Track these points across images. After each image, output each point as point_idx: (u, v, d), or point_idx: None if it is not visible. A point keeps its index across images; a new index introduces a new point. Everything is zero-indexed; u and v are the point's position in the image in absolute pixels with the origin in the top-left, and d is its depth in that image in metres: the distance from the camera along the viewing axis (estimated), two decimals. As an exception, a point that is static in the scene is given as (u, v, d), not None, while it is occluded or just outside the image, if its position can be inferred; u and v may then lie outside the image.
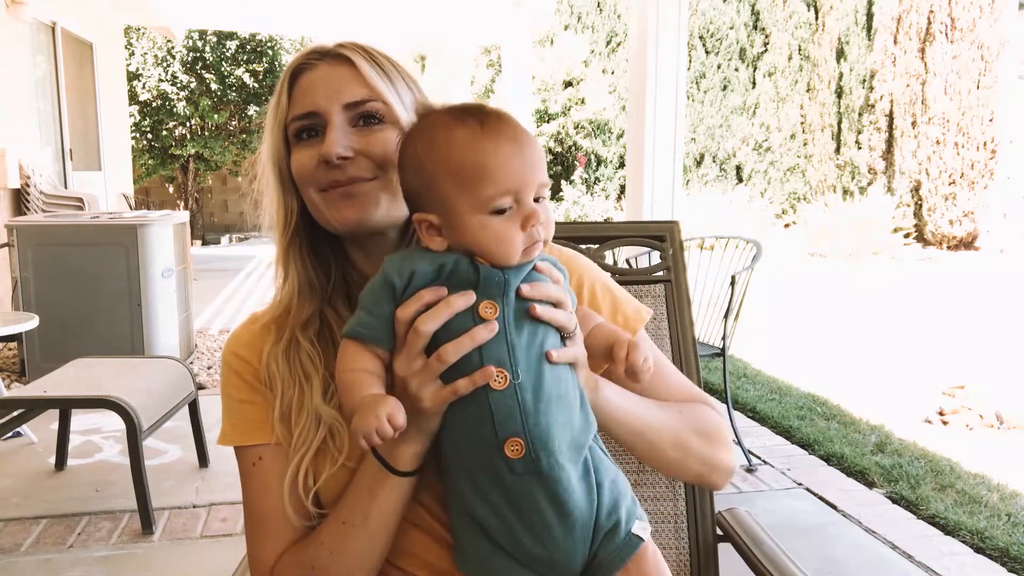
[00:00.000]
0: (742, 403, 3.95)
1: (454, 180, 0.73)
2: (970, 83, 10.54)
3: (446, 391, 0.71)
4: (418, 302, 0.72)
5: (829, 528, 2.68)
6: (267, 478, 0.85)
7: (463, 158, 0.73)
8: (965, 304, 7.22)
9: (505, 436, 0.71)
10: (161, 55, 10.99)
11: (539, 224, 0.73)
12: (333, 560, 0.80)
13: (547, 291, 0.74)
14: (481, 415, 0.71)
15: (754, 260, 3.20)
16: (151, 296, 4.10)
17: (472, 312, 0.72)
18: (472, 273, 0.73)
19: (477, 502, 0.74)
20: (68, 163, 6.67)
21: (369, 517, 0.78)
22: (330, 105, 0.82)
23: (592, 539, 0.75)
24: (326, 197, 0.83)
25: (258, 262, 9.72)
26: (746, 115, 12.36)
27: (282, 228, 0.88)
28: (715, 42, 12.25)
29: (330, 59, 0.85)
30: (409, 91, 0.87)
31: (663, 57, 3.32)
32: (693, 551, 1.24)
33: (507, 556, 0.74)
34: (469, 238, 0.73)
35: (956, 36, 10.57)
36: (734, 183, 12.36)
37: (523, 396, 0.71)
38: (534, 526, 0.72)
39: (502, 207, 0.72)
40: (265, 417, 0.86)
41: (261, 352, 0.88)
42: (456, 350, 0.71)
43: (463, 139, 0.73)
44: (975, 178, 10.70)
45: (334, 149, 0.80)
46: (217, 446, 3.15)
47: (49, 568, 2.31)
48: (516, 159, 0.73)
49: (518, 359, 0.71)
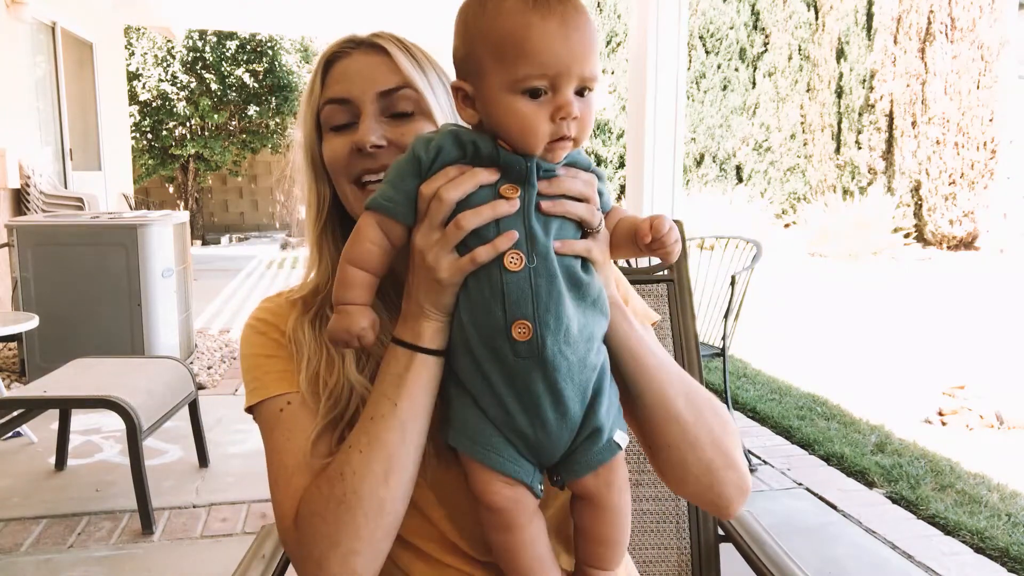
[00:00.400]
0: (742, 403, 3.95)
1: (491, 51, 0.69)
2: (970, 83, 10.54)
3: (464, 260, 0.71)
4: (444, 178, 0.71)
5: (829, 528, 2.68)
6: (295, 420, 0.83)
7: (504, 28, 0.68)
8: (965, 304, 7.22)
9: (514, 318, 0.70)
10: (161, 55, 10.99)
11: (570, 118, 0.69)
12: (365, 460, 0.76)
13: (568, 185, 0.73)
14: (493, 294, 0.71)
15: (754, 260, 3.20)
16: (151, 296, 4.10)
17: (494, 191, 0.71)
18: (495, 156, 0.72)
19: (477, 379, 0.74)
20: (68, 163, 6.67)
21: (398, 405, 0.76)
22: (364, 93, 0.83)
23: (578, 433, 0.75)
24: (357, 192, 0.84)
25: (258, 262, 9.72)
26: (746, 115, 12.36)
27: (315, 214, 0.88)
28: (715, 42, 12.26)
29: (365, 48, 0.86)
30: (442, 84, 0.87)
31: (663, 57, 3.32)
32: (695, 551, 1.24)
33: (496, 430, 0.75)
34: (495, 116, 0.71)
35: (956, 36, 10.57)
36: (734, 183, 12.36)
37: (536, 280, 0.70)
38: (528, 409, 0.73)
39: (535, 88, 0.68)
40: (292, 369, 0.85)
41: (287, 320, 0.88)
42: (475, 217, 0.70)
43: (511, 8, 0.68)
44: (975, 178, 10.71)
45: (368, 137, 0.81)
46: (216, 447, 3.13)
47: (49, 568, 2.31)
48: (560, 40, 0.68)
49: (536, 243, 0.71)
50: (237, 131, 11.97)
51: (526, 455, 0.76)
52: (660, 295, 1.32)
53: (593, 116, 0.73)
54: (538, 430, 0.74)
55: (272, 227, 13.62)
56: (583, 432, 0.75)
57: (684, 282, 1.33)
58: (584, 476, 0.76)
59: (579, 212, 0.73)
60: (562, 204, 0.72)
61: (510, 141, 0.71)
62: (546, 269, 0.71)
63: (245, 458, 3.15)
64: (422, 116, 0.84)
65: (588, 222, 0.74)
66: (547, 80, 0.68)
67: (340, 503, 0.76)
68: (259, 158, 13.17)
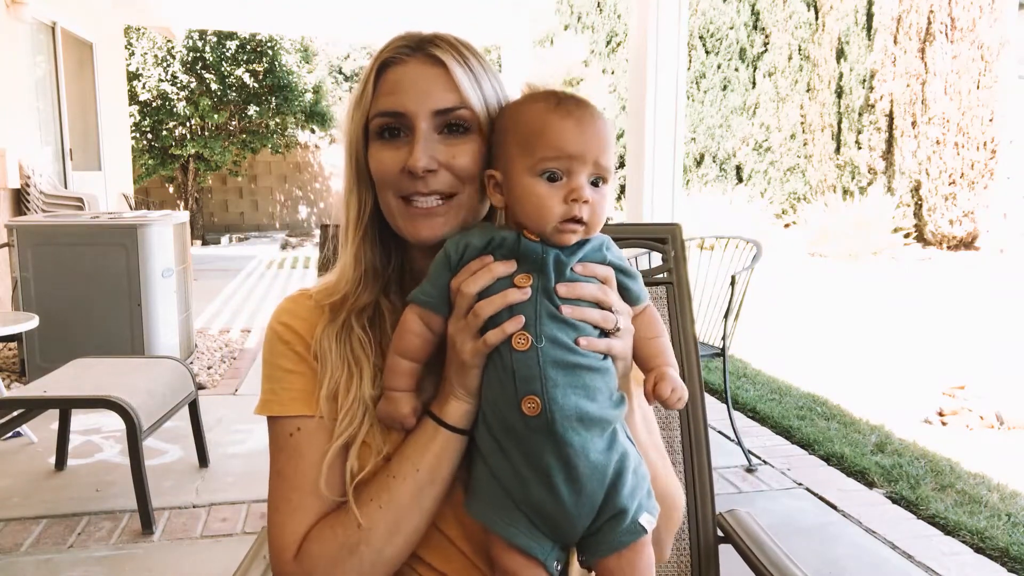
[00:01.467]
0: (742, 403, 3.95)
1: (517, 140, 0.79)
2: (970, 83, 10.54)
3: (479, 343, 0.77)
4: (466, 272, 0.79)
5: (829, 528, 2.68)
6: (303, 450, 0.85)
7: (529, 121, 0.79)
8: (965, 304, 7.22)
9: (524, 393, 0.75)
10: (161, 55, 10.98)
11: (581, 200, 0.76)
12: (381, 515, 0.81)
13: (581, 291, 0.78)
14: (505, 372, 0.77)
15: (754, 260, 3.20)
16: (151, 296, 4.10)
17: (510, 281, 0.78)
18: (515, 246, 0.78)
19: (495, 452, 0.79)
20: (68, 163, 6.67)
21: (419, 471, 0.81)
22: (419, 108, 0.81)
23: (600, 512, 0.78)
24: (403, 209, 0.84)
25: (258, 262, 9.72)
26: (746, 115, 12.36)
27: (355, 217, 0.88)
28: (715, 42, 12.26)
29: (422, 56, 0.83)
30: (494, 92, 0.86)
31: (663, 57, 3.32)
32: (694, 552, 1.24)
33: (514, 504, 0.78)
34: (515, 196, 0.79)
35: (956, 36, 10.57)
36: (734, 183, 12.37)
37: (543, 360, 0.75)
38: (542, 481, 0.76)
39: (552, 172, 0.77)
40: (310, 390, 0.86)
41: (313, 328, 0.88)
42: (488, 306, 0.76)
43: (537, 108, 0.79)
44: (975, 178, 10.71)
45: (420, 163, 0.80)
46: (216, 447, 3.13)
47: (49, 568, 2.31)
48: (574, 131, 0.77)
49: (542, 326, 0.76)
50: (237, 131, 11.96)
51: (544, 531, 0.78)
52: (659, 297, 1.32)
53: (606, 206, 0.79)
54: (554, 504, 0.77)
55: (272, 227, 13.62)
56: (606, 512, 0.78)
57: (683, 284, 1.33)
58: (607, 556, 0.79)
59: (593, 319, 0.78)
60: (580, 310, 0.77)
61: (525, 219, 0.78)
62: (554, 351, 0.76)
63: (245, 458, 3.15)
64: (476, 133, 0.83)
65: (600, 326, 0.78)
66: (562, 164, 0.77)
67: (352, 552, 0.81)
68: (259, 158, 13.17)
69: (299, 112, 12.19)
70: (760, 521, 1.20)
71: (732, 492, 2.94)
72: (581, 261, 0.80)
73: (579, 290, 0.78)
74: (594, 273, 0.80)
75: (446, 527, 0.85)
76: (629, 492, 0.78)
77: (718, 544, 1.24)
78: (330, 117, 12.76)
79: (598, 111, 0.80)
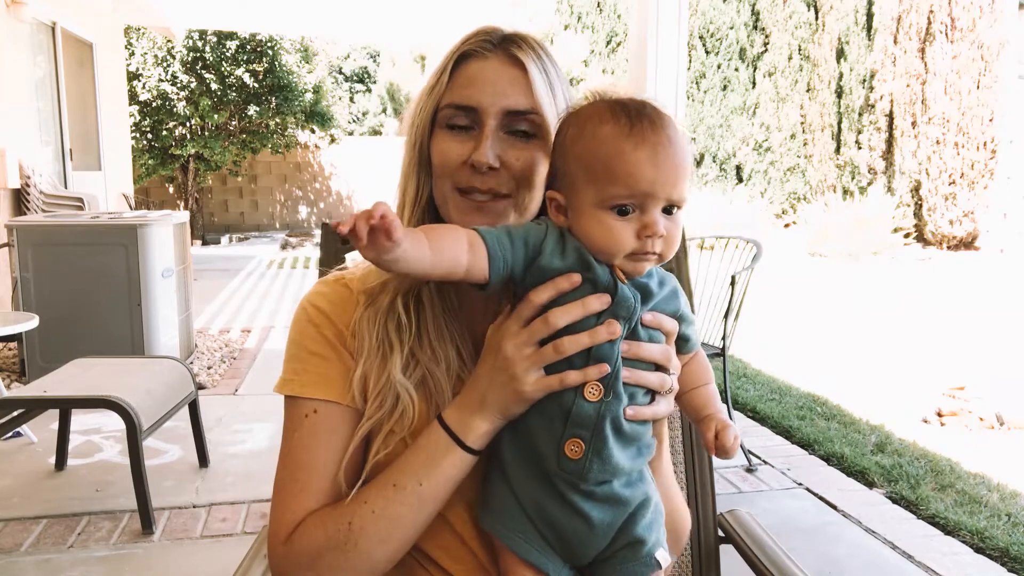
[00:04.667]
0: (742, 403, 3.95)
1: (585, 171, 0.74)
2: (970, 83, 10.54)
3: (552, 380, 0.73)
4: (553, 288, 0.74)
5: (829, 528, 2.68)
6: (317, 431, 0.84)
7: (598, 152, 0.73)
8: (965, 304, 7.22)
9: (571, 436, 0.73)
10: (161, 55, 10.98)
11: (656, 236, 0.72)
12: (374, 520, 0.78)
13: (647, 353, 0.75)
14: (561, 411, 0.74)
15: (754, 260, 3.20)
16: (151, 296, 4.10)
17: (597, 323, 0.73)
18: (611, 284, 0.74)
19: (518, 474, 0.77)
20: (68, 163, 6.67)
21: (423, 485, 0.78)
22: (492, 105, 0.81)
23: (615, 540, 0.77)
24: (459, 201, 0.83)
25: (258, 262, 9.72)
26: (746, 115, 12.36)
27: (412, 202, 0.87)
28: (715, 42, 12.26)
29: (502, 55, 0.83)
30: (564, 100, 0.85)
31: (663, 57, 3.31)
32: (695, 552, 1.24)
33: (528, 519, 0.77)
34: (583, 226, 0.74)
35: (956, 36, 10.57)
36: (734, 183, 12.37)
37: (604, 412, 0.73)
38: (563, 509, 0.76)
39: (623, 207, 0.72)
40: (333, 375, 0.85)
41: (348, 315, 0.86)
42: (573, 345, 0.72)
43: (606, 135, 0.73)
44: (975, 178, 10.71)
45: (486, 159, 0.80)
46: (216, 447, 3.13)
47: (49, 568, 2.31)
48: (649, 166, 0.72)
49: (618, 380, 0.74)
50: (237, 131, 11.96)
51: (555, 548, 0.77)
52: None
53: (680, 232, 0.75)
54: (571, 529, 0.76)
55: (272, 227, 13.62)
56: (621, 539, 0.77)
57: (683, 284, 1.33)
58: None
59: (650, 383, 0.76)
60: (637, 374, 0.75)
61: (593, 249, 0.74)
62: (615, 405, 0.74)
63: (245, 458, 3.15)
64: (542, 140, 0.82)
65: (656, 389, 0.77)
66: (634, 200, 0.72)
67: (338, 549, 0.79)
68: (259, 158, 13.17)
69: (299, 112, 12.18)
70: (760, 521, 1.20)
71: (732, 492, 2.94)
72: (652, 310, 0.76)
73: (645, 352, 0.75)
74: (660, 326, 0.76)
75: (459, 526, 0.84)
76: (646, 525, 0.78)
77: (719, 544, 1.24)
78: (330, 117, 12.76)
79: (675, 128, 0.74)
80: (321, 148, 13.70)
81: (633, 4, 3.41)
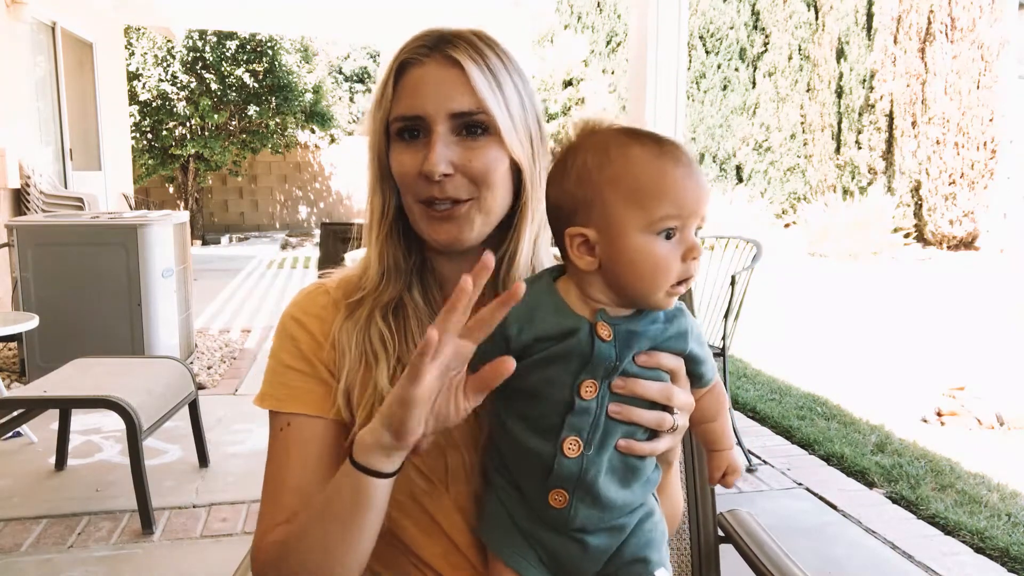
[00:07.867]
0: (742, 403, 3.95)
1: (626, 195, 0.70)
2: (970, 83, 10.54)
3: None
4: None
5: (829, 528, 2.68)
6: (288, 445, 0.85)
7: (640, 173, 0.70)
8: (965, 304, 7.22)
9: (554, 487, 0.73)
10: (161, 55, 10.98)
11: (698, 258, 0.71)
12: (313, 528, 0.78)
13: (642, 390, 0.73)
14: (542, 468, 0.73)
15: (754, 260, 3.20)
16: (151, 296, 4.10)
17: (573, 385, 0.71)
18: (588, 346, 0.71)
19: (510, 497, 0.77)
20: (68, 163, 6.67)
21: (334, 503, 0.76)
22: (436, 112, 0.80)
23: (614, 558, 0.77)
24: (423, 212, 0.83)
25: (258, 262, 9.72)
26: (746, 115, 12.36)
27: (379, 215, 0.88)
28: (715, 42, 12.25)
29: (440, 58, 0.82)
30: (516, 90, 0.84)
31: (663, 57, 3.31)
32: (695, 552, 1.24)
33: (522, 535, 0.77)
34: (626, 258, 0.70)
35: (956, 36, 10.57)
36: (734, 183, 12.36)
37: (586, 466, 0.72)
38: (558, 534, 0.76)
39: (671, 229, 0.70)
40: (307, 388, 0.86)
41: (327, 324, 0.87)
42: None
43: (641, 156, 0.71)
44: (975, 178, 10.70)
45: (437, 168, 0.79)
46: (216, 447, 3.13)
47: (49, 568, 2.31)
48: (692, 183, 0.71)
49: (595, 436, 0.72)
50: (237, 131, 11.96)
51: (548, 564, 0.77)
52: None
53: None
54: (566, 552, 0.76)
55: (272, 227, 13.62)
56: (621, 557, 0.76)
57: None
58: None
59: (645, 421, 0.73)
60: (629, 411, 0.73)
61: (638, 283, 0.70)
62: (601, 459, 0.72)
63: (245, 458, 3.15)
64: (494, 135, 0.82)
65: (654, 427, 0.75)
66: (680, 220, 0.70)
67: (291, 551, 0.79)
68: (259, 158, 13.17)
69: (299, 112, 12.18)
70: (760, 521, 1.20)
71: (732, 492, 2.94)
72: (654, 349, 0.73)
73: (640, 389, 0.72)
74: (659, 365, 0.74)
75: (455, 534, 0.84)
76: (646, 544, 0.77)
77: (719, 544, 1.24)
78: (330, 117, 12.76)
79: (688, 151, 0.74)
80: (321, 148, 13.70)
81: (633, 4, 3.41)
